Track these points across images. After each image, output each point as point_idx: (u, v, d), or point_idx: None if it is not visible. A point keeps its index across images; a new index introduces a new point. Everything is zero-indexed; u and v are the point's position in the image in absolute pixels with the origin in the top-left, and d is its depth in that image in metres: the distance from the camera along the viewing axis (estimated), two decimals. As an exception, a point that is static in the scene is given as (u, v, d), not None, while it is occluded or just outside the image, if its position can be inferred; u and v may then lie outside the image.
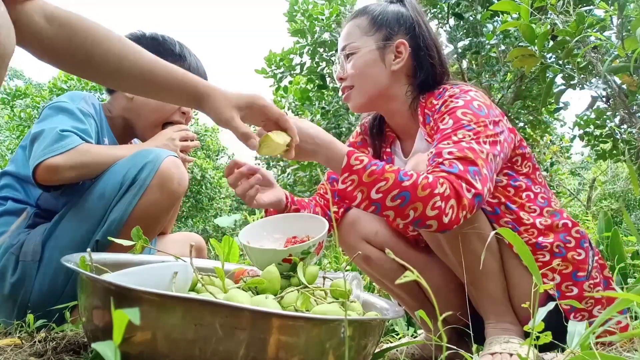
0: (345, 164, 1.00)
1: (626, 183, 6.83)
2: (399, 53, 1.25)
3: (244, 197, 1.16)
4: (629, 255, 1.97)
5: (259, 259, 0.98)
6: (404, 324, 1.76)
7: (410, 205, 0.96)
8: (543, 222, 1.12)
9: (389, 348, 1.03)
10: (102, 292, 0.68)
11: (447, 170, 0.99)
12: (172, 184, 1.24)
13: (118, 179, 1.22)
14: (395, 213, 0.99)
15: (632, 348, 0.93)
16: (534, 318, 0.67)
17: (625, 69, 1.97)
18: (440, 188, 0.97)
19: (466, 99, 1.13)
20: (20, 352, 0.85)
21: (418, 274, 0.55)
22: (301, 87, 5.77)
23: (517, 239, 0.67)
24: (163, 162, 1.23)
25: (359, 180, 0.99)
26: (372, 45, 1.26)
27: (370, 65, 1.25)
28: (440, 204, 0.96)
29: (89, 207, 1.21)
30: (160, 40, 1.49)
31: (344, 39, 1.31)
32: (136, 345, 0.63)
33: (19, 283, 1.22)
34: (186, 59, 1.49)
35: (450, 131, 1.07)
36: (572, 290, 1.11)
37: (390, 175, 0.98)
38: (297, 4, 5.05)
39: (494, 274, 1.11)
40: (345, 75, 1.29)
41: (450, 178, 0.98)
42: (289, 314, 0.69)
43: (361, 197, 0.99)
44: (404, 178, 0.97)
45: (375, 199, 0.98)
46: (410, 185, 0.97)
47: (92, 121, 1.33)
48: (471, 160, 1.01)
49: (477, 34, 3.26)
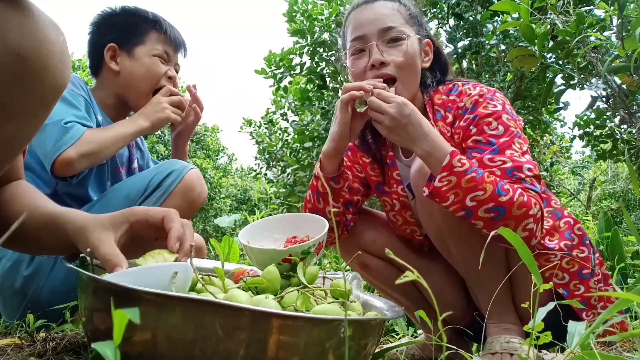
0: (447, 163, 0.98)
1: (626, 183, 6.83)
2: (425, 53, 1.24)
3: None
4: (629, 255, 1.97)
5: (259, 258, 0.98)
6: (404, 324, 1.76)
7: (503, 221, 0.97)
8: (547, 224, 1.13)
9: (389, 348, 1.03)
10: (102, 292, 0.68)
11: (534, 190, 1.01)
12: (193, 193, 1.33)
13: (144, 182, 1.30)
14: (485, 224, 0.99)
15: (632, 348, 0.93)
16: (534, 318, 0.67)
17: (625, 69, 1.97)
18: (534, 209, 0.98)
19: (499, 102, 1.13)
20: (20, 352, 0.85)
21: (418, 274, 0.55)
22: (301, 87, 5.76)
23: (517, 239, 0.67)
24: (188, 173, 1.33)
25: (457, 183, 0.97)
26: (416, 37, 1.21)
27: (417, 56, 1.20)
28: (532, 226, 0.98)
29: (114, 206, 1.22)
30: (133, 10, 1.54)
31: (385, 20, 1.18)
32: (136, 345, 0.63)
33: (31, 277, 1.25)
34: (161, 24, 1.53)
35: (508, 139, 1.07)
36: (579, 288, 1.12)
37: (488, 187, 0.97)
38: (297, 4, 5.05)
39: (497, 275, 1.10)
40: (389, 60, 1.17)
41: (537, 199, 1.00)
42: (289, 314, 0.69)
43: (453, 199, 0.98)
44: (501, 192, 0.97)
45: (469, 206, 0.98)
46: (507, 201, 0.96)
47: (81, 100, 1.37)
48: (540, 179, 1.05)
49: (477, 34, 3.25)
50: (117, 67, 1.49)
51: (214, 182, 12.02)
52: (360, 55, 1.20)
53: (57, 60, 0.67)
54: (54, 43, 0.66)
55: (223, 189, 12.45)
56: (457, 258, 1.14)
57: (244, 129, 7.73)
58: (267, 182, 8.00)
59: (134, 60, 1.49)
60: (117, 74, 1.49)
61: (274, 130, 7.35)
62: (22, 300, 1.24)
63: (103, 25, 1.53)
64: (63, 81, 0.70)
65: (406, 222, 1.31)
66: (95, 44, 1.53)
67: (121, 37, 1.49)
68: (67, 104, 1.31)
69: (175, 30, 1.57)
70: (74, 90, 1.37)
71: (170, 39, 1.54)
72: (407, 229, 1.31)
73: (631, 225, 1.14)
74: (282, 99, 6.62)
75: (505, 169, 1.04)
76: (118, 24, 1.51)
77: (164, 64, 1.52)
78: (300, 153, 6.00)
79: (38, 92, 0.67)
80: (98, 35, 1.53)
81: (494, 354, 1.05)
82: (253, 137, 7.57)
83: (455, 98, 1.19)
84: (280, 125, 7.32)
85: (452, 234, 1.10)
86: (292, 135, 6.69)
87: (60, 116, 1.25)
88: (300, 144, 5.78)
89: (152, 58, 1.50)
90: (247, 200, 13.18)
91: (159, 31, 1.52)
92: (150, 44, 1.51)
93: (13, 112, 0.67)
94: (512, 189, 0.98)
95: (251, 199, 12.79)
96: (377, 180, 1.34)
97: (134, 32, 1.51)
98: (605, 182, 7.12)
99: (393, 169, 1.30)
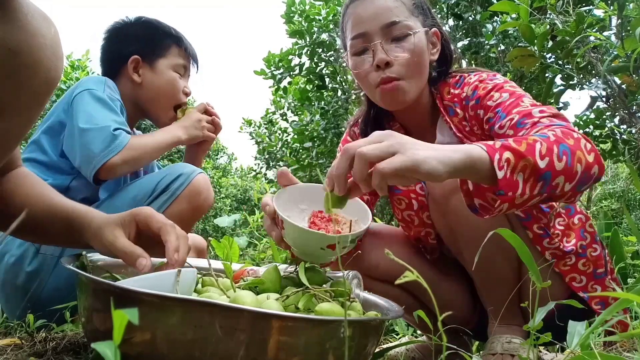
0: (487, 147, 0.77)
1: (626, 183, 6.83)
2: (433, 44, 1.15)
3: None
4: (629, 255, 1.97)
5: (298, 238, 0.84)
6: (404, 324, 1.76)
7: (575, 157, 0.81)
8: (562, 223, 1.09)
9: (389, 348, 1.03)
10: (101, 293, 0.68)
11: (554, 124, 0.87)
12: (199, 198, 1.33)
13: (152, 185, 1.31)
14: (566, 176, 0.80)
15: (632, 348, 0.92)
16: (534, 318, 0.67)
17: (625, 69, 1.97)
18: (574, 134, 0.85)
19: (499, 79, 1.08)
20: (20, 352, 0.85)
21: (417, 273, 0.55)
22: (300, 87, 5.77)
23: (516, 239, 0.66)
24: (195, 177, 1.34)
25: (517, 153, 0.76)
26: (422, 29, 1.10)
27: (425, 51, 1.10)
28: (589, 145, 0.85)
29: (120, 207, 1.22)
30: (156, 24, 1.58)
31: (388, 14, 1.08)
32: (136, 346, 0.63)
33: (34, 274, 1.25)
34: (182, 40, 1.58)
35: (515, 99, 0.98)
36: (596, 289, 1.09)
37: (536, 138, 0.80)
38: (294, 5, 5.05)
39: (507, 281, 1.08)
40: (395, 59, 1.08)
41: (562, 128, 0.86)
42: (289, 315, 0.69)
43: (523, 176, 0.77)
44: (544, 136, 0.82)
45: (544, 167, 0.78)
46: (557, 139, 0.81)
47: (118, 104, 1.40)
48: (559, 116, 0.92)
49: (477, 34, 3.26)
50: (139, 79, 1.52)
51: (214, 182, 12.02)
52: (363, 55, 1.11)
53: (49, 53, 0.66)
54: (45, 35, 0.66)
55: (223, 188, 12.45)
56: (468, 261, 1.13)
57: (244, 129, 7.73)
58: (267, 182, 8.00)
59: (155, 74, 1.52)
60: (139, 85, 1.52)
61: (274, 131, 7.35)
62: (24, 296, 1.24)
63: (123, 35, 1.56)
64: (56, 74, 0.69)
65: (422, 223, 1.23)
66: (113, 52, 1.55)
67: (144, 50, 1.52)
68: (108, 108, 1.34)
69: (192, 46, 1.62)
70: (113, 95, 1.40)
71: (189, 55, 1.59)
72: (422, 231, 1.24)
73: (632, 225, 1.13)
74: (282, 99, 6.63)
75: (514, 124, 0.93)
76: (141, 36, 1.54)
77: (181, 79, 1.57)
78: (299, 153, 6.00)
79: (31, 86, 0.67)
80: (117, 44, 1.55)
81: (494, 354, 1.05)
82: (253, 137, 7.57)
83: (459, 91, 1.13)
84: (280, 125, 7.33)
85: (463, 235, 1.08)
86: (291, 135, 6.69)
87: (104, 121, 1.28)
88: (299, 144, 5.78)
89: (172, 73, 1.54)
90: (247, 200, 13.18)
91: (180, 47, 1.57)
92: (172, 58, 1.55)
93: (6, 106, 0.67)
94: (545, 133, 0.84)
95: (251, 199, 12.78)
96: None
97: (157, 45, 1.54)
98: (605, 182, 7.13)
99: None
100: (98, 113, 1.31)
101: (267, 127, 7.46)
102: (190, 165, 1.40)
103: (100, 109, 1.32)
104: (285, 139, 6.99)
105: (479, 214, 0.84)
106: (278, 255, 2.49)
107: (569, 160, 0.80)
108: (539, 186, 0.78)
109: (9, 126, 0.69)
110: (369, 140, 0.72)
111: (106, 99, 1.35)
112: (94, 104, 1.32)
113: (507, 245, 0.71)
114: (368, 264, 1.19)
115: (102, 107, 1.33)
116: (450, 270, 1.27)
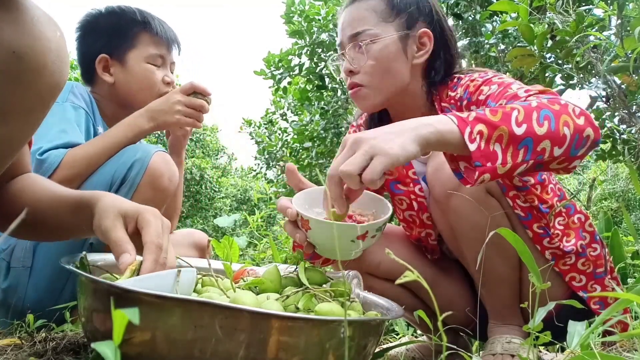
0: (458, 120, 0.78)
1: (626, 183, 6.83)
2: (422, 45, 1.13)
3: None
4: (629, 255, 1.97)
5: (325, 233, 0.82)
6: (404, 324, 1.76)
7: (560, 120, 0.80)
8: (562, 222, 1.09)
9: (389, 348, 1.03)
10: (101, 293, 0.68)
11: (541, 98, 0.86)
12: (162, 181, 1.21)
13: (107, 179, 1.18)
14: (552, 140, 0.79)
15: (632, 348, 0.93)
16: (534, 318, 0.67)
17: (625, 68, 1.97)
18: (561, 101, 0.84)
19: (489, 74, 1.08)
20: (20, 352, 0.85)
21: (417, 273, 0.55)
22: (300, 87, 5.77)
23: (516, 239, 0.67)
24: (152, 160, 1.19)
25: (489, 124, 0.77)
26: (393, 35, 1.11)
27: (393, 58, 1.11)
28: (578, 109, 0.83)
29: None
30: (119, 12, 1.44)
31: (355, 24, 1.12)
32: (136, 346, 0.63)
33: (11, 289, 1.19)
34: (150, 24, 1.43)
35: (503, 88, 0.98)
36: (595, 289, 1.09)
37: (514, 106, 0.80)
38: (294, 5, 5.05)
39: (507, 281, 1.08)
40: (359, 68, 1.12)
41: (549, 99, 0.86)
42: (289, 315, 0.69)
43: (501, 146, 0.77)
44: (524, 104, 0.82)
45: (522, 134, 0.77)
46: (539, 105, 0.81)
47: (82, 112, 1.30)
48: (552, 92, 0.91)
49: (476, 33, 3.26)
50: (111, 78, 1.41)
51: (214, 182, 12.02)
52: (342, 62, 1.17)
53: (54, 57, 0.66)
54: (50, 39, 0.65)
55: (222, 188, 12.45)
56: (469, 260, 1.13)
57: (244, 129, 7.74)
58: (266, 182, 8.01)
59: (127, 70, 1.40)
60: (113, 85, 1.41)
61: (274, 131, 7.36)
62: (7, 312, 1.19)
63: (90, 31, 1.44)
64: (61, 78, 0.69)
65: (422, 224, 1.24)
66: (84, 54, 1.44)
67: (111, 44, 1.40)
68: (61, 119, 1.23)
69: (167, 27, 1.47)
70: (76, 102, 1.30)
71: (162, 39, 1.44)
72: (423, 231, 1.25)
73: (630, 226, 1.14)
74: (282, 99, 6.63)
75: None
76: (106, 30, 1.41)
77: (159, 69, 1.44)
78: (299, 153, 6.00)
79: (35, 90, 0.66)
80: (85, 43, 1.44)
81: (494, 354, 1.05)
82: (253, 137, 7.58)
83: (455, 93, 1.13)
84: (279, 125, 7.33)
85: (464, 234, 1.08)
86: (291, 135, 6.70)
87: (36, 144, 1.15)
88: (299, 144, 5.79)
89: (145, 65, 1.42)
90: (247, 200, 13.19)
91: (150, 32, 1.42)
92: (142, 47, 1.41)
93: (11, 111, 0.67)
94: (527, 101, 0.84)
95: (251, 199, 12.79)
96: (390, 178, 1.25)
97: (123, 36, 1.41)
98: (605, 181, 7.13)
99: (407, 167, 1.22)
100: (40, 132, 1.20)
101: (267, 127, 7.47)
102: (144, 146, 1.24)
103: (44, 127, 1.20)
104: (285, 139, 7.00)
105: (463, 180, 0.84)
106: (278, 255, 2.49)
107: (552, 125, 0.79)
108: (522, 153, 0.78)
109: (13, 130, 0.69)
110: (344, 155, 0.75)
111: (63, 109, 1.24)
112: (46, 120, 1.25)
113: (507, 245, 0.71)
114: (370, 262, 1.20)
115: (47, 125, 1.18)
116: (451, 270, 1.27)
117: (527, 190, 1.03)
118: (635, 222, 5.84)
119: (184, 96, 1.34)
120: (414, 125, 0.77)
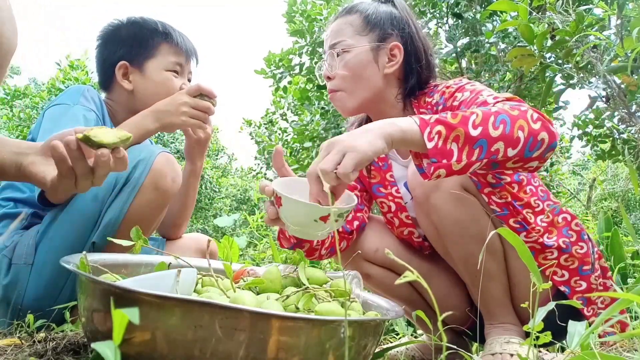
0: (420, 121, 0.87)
1: (626, 183, 6.83)
2: (393, 56, 1.24)
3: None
4: (629, 255, 1.97)
5: (293, 211, 0.90)
6: (404, 324, 1.76)
7: (516, 125, 0.87)
8: (545, 220, 1.12)
9: (389, 348, 1.03)
10: (101, 293, 0.68)
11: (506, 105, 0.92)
12: (166, 182, 1.21)
13: (110, 179, 1.18)
14: (505, 142, 0.86)
15: (632, 348, 0.93)
16: (534, 318, 0.67)
17: (625, 68, 1.97)
18: (522, 106, 0.91)
19: (464, 82, 1.15)
20: (20, 352, 0.85)
21: (417, 274, 0.55)
22: (300, 87, 5.77)
23: (516, 238, 0.67)
24: (156, 160, 1.21)
25: (448, 125, 0.85)
26: (366, 46, 1.23)
27: (364, 66, 1.22)
28: (535, 115, 0.90)
29: (83, 209, 1.19)
30: (142, 22, 1.47)
31: (333, 36, 1.25)
32: (136, 346, 0.63)
33: (11, 286, 1.19)
34: (171, 35, 1.46)
35: (474, 95, 1.05)
36: (580, 285, 1.12)
37: (474, 111, 0.88)
38: (296, 5, 5.06)
39: (495, 275, 1.10)
40: (334, 74, 1.24)
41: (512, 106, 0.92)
42: (289, 315, 0.69)
43: (457, 145, 0.85)
44: (485, 109, 0.90)
45: (477, 135, 0.85)
46: (498, 111, 0.88)
47: (92, 115, 1.31)
48: (518, 99, 0.97)
49: (477, 33, 3.26)
50: (130, 85, 1.44)
51: (214, 182, 12.03)
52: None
53: (8, 25, 0.73)
54: (3, 8, 0.72)
55: (222, 188, 12.46)
56: (455, 258, 1.14)
57: (244, 129, 7.74)
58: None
59: (146, 77, 1.43)
60: (131, 92, 1.44)
61: (274, 131, 7.36)
62: (7, 309, 1.20)
63: (111, 40, 1.47)
64: (14, 46, 0.77)
65: (403, 223, 1.30)
66: (104, 61, 1.47)
67: (131, 53, 1.44)
68: (72, 121, 1.24)
69: (186, 39, 1.51)
70: (88, 105, 1.31)
71: (181, 50, 1.48)
72: (405, 230, 1.31)
73: (629, 227, 1.14)
74: (282, 99, 6.63)
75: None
76: (127, 39, 1.46)
77: (177, 78, 1.47)
78: (299, 153, 6.00)
79: None
80: (106, 51, 1.47)
81: (494, 354, 1.06)
82: (253, 137, 7.58)
83: (431, 99, 1.21)
84: (279, 125, 7.33)
85: (448, 234, 1.10)
86: (291, 135, 6.69)
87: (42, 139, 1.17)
88: (299, 144, 5.78)
89: (164, 73, 1.45)
90: (247, 200, 13.19)
91: (170, 43, 1.46)
92: (162, 57, 1.45)
93: None
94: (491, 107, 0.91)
95: (251, 199, 12.80)
96: (374, 182, 1.33)
97: (144, 46, 1.45)
98: (604, 181, 7.13)
99: (386, 171, 1.31)
100: (50, 132, 1.19)
101: (267, 127, 7.47)
102: (148, 147, 1.25)
103: (54, 128, 1.21)
104: (285, 139, 7.00)
105: (423, 174, 0.92)
106: (278, 255, 2.49)
107: (507, 128, 0.87)
108: (477, 152, 0.86)
109: None
110: (322, 155, 0.85)
111: (74, 113, 1.26)
112: (58, 119, 1.25)
113: (490, 241, 0.73)
114: (368, 249, 1.29)
115: (57, 125, 1.22)
116: (445, 264, 1.29)
117: (501, 187, 1.08)
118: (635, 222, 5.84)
119: (190, 98, 1.35)
120: (380, 125, 0.86)
